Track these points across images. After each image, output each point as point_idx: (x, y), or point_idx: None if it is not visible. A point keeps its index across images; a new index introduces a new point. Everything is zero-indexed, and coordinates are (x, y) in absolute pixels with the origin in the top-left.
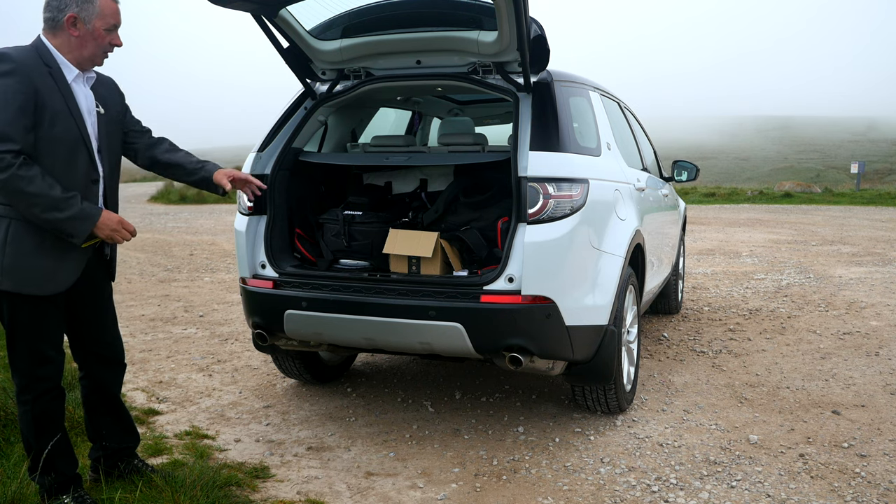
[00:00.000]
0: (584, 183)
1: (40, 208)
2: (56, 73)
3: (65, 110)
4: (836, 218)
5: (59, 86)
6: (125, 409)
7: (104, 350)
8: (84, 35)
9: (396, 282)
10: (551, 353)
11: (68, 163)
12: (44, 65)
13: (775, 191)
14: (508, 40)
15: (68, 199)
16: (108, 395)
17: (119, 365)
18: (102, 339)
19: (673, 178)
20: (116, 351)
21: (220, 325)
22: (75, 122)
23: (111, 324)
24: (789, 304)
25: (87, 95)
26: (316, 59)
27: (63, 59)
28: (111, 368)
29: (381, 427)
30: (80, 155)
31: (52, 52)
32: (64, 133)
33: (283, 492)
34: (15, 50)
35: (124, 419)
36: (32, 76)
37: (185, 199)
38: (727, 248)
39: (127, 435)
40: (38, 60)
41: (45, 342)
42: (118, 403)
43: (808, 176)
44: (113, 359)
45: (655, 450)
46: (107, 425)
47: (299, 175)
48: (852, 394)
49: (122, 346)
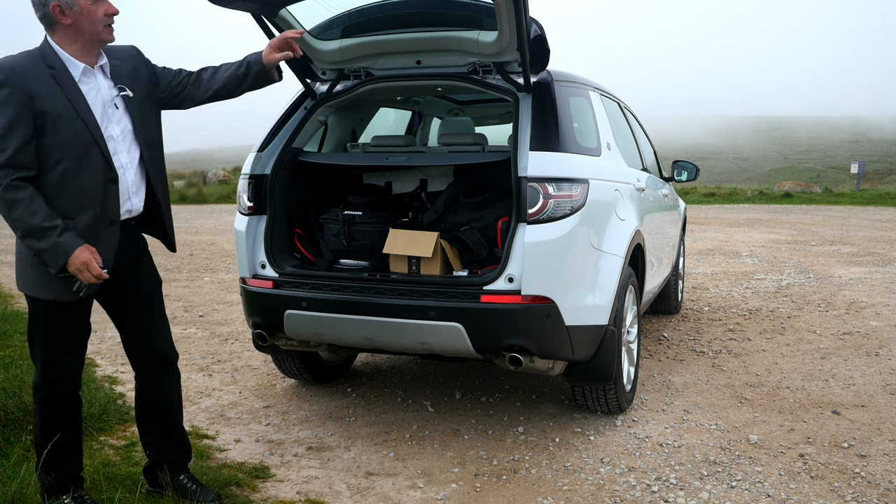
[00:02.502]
0: (584, 183)
1: (20, 233)
2: (60, 74)
3: (69, 113)
4: (836, 218)
5: (62, 87)
6: (176, 421)
7: (146, 353)
8: (76, 19)
9: (396, 282)
10: (551, 353)
11: (81, 167)
12: (46, 67)
13: (775, 191)
14: (508, 40)
15: (47, 230)
16: (155, 401)
17: (162, 367)
18: (144, 341)
19: (673, 178)
20: (159, 354)
21: (220, 325)
22: (84, 124)
23: (152, 326)
24: (789, 304)
25: (101, 88)
26: (316, 59)
27: (68, 57)
28: (155, 371)
29: (381, 427)
30: (92, 157)
31: (56, 52)
32: (71, 137)
33: (283, 492)
34: (11, 58)
35: (172, 431)
36: (26, 84)
37: (185, 198)
38: (727, 248)
39: (174, 448)
40: (39, 64)
41: (62, 346)
42: (166, 412)
43: (808, 176)
44: (156, 362)
45: (655, 450)
46: (152, 435)
47: (299, 175)
48: (852, 394)
49: (168, 346)
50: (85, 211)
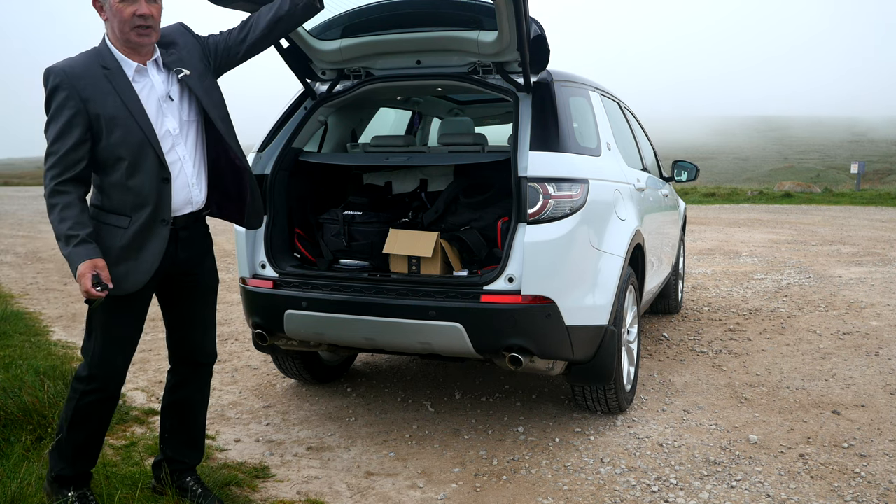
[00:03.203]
0: (584, 183)
1: (55, 234)
2: (115, 74)
3: (123, 113)
4: (836, 218)
5: (116, 87)
6: (197, 419)
7: (183, 346)
8: (109, 15)
9: (396, 282)
10: (551, 353)
11: (136, 167)
12: (101, 67)
13: (775, 191)
14: (508, 40)
15: (69, 238)
16: (184, 398)
17: (196, 366)
18: (185, 337)
19: (673, 178)
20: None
21: (220, 325)
22: (137, 124)
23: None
24: (789, 304)
25: (154, 84)
26: (316, 59)
27: (121, 56)
28: (190, 368)
29: (381, 427)
30: (147, 157)
31: (111, 51)
32: (124, 137)
33: (283, 492)
34: (67, 61)
35: (192, 429)
36: (80, 86)
37: None
38: (727, 248)
39: (187, 447)
40: (94, 65)
41: (111, 342)
42: (191, 410)
43: (808, 176)
44: (192, 360)
45: (655, 450)
46: (169, 429)
47: (299, 175)
48: (852, 394)
49: (209, 347)
50: (142, 210)
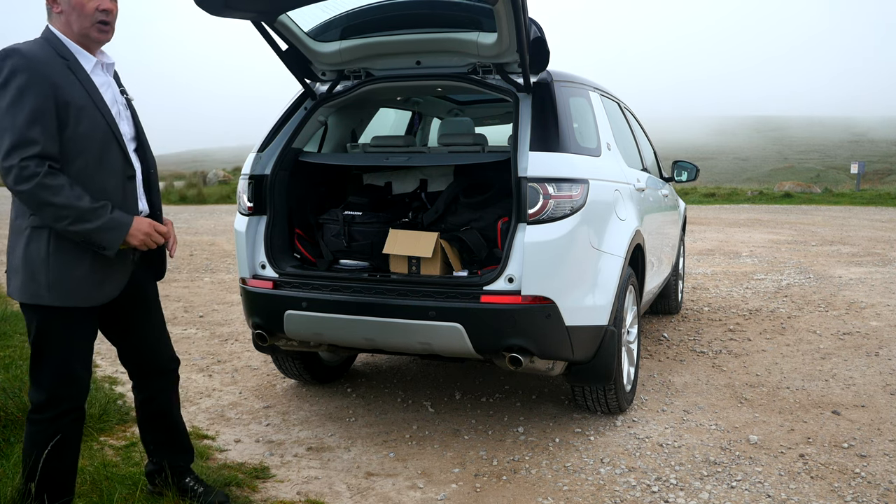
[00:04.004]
0: (584, 183)
1: (69, 220)
2: (74, 65)
3: (90, 104)
4: (836, 218)
5: (79, 78)
6: (178, 424)
7: (151, 360)
8: (66, 9)
9: (396, 282)
10: (551, 353)
11: (101, 161)
12: (59, 57)
13: (775, 191)
14: (508, 43)
15: (97, 210)
16: (158, 409)
17: (166, 375)
18: (149, 347)
19: (673, 179)
20: (163, 361)
21: (220, 326)
22: (102, 117)
23: (155, 329)
24: (789, 305)
25: (110, 84)
26: (315, 60)
27: (78, 49)
28: (158, 379)
29: (381, 427)
30: (112, 151)
31: (64, 42)
32: (92, 130)
33: (283, 492)
34: (24, 45)
35: (175, 436)
36: (47, 71)
37: (185, 199)
38: (727, 248)
39: (178, 453)
40: (51, 53)
41: (76, 358)
42: (168, 417)
43: (808, 176)
44: (160, 370)
45: (655, 450)
46: (156, 441)
47: (299, 175)
48: (852, 394)
49: (170, 352)
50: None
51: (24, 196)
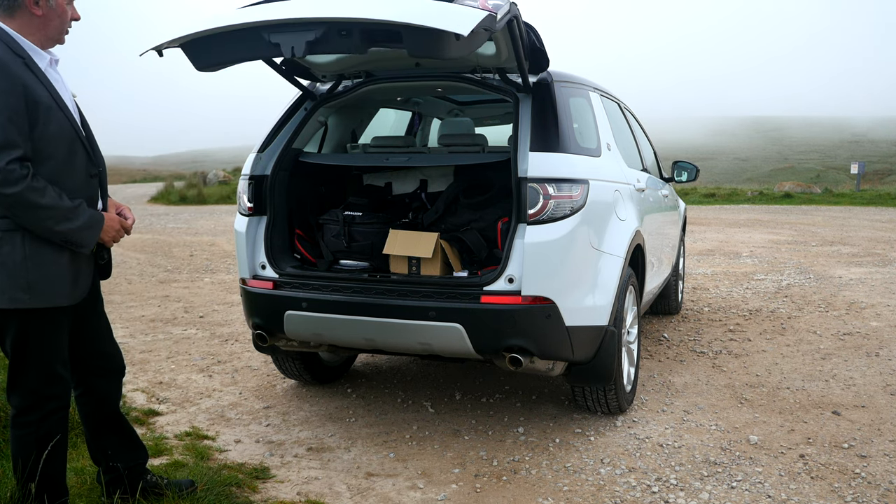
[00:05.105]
0: (584, 183)
1: (54, 220)
2: (30, 63)
3: (53, 104)
4: (836, 218)
5: (38, 77)
6: (128, 423)
7: (104, 361)
8: (48, 13)
9: (396, 282)
10: (551, 353)
11: (69, 161)
12: (15, 55)
13: (775, 191)
14: (507, 55)
15: (76, 208)
16: (110, 411)
17: (119, 374)
18: (102, 348)
19: (673, 179)
20: (117, 360)
21: (220, 326)
22: (65, 116)
23: (108, 331)
24: (789, 305)
25: (63, 81)
26: (315, 70)
27: (32, 46)
28: (111, 379)
29: (381, 427)
30: (77, 151)
31: (17, 40)
32: (59, 129)
33: (283, 492)
34: None
35: (129, 434)
36: (16, 70)
37: (186, 199)
38: (727, 248)
39: (135, 451)
40: (6, 51)
41: (57, 359)
42: (120, 418)
43: (808, 176)
44: (114, 369)
45: (655, 450)
46: (112, 445)
47: (299, 176)
48: (852, 394)
49: (121, 353)
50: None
51: (11, 199)
